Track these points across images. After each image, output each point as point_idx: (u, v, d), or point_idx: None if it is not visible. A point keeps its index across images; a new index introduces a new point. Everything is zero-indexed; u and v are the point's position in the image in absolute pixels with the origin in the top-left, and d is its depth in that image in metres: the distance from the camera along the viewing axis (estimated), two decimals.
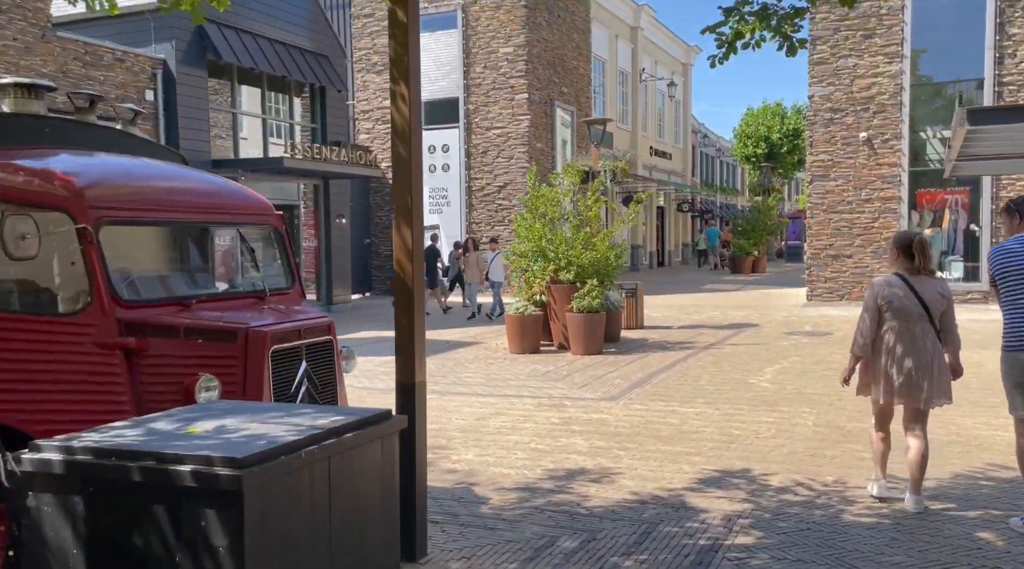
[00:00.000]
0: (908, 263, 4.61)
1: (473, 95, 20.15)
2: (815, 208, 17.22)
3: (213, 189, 4.46)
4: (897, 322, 4.55)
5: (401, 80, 4.08)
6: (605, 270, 12.15)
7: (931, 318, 4.54)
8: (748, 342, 12.50)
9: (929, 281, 4.61)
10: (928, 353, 4.54)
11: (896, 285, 4.58)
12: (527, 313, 11.73)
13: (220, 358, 3.71)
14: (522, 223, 12.38)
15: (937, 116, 17.11)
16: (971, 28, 15.66)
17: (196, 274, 4.46)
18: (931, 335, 4.56)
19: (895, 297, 4.54)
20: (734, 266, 28.43)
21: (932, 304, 4.55)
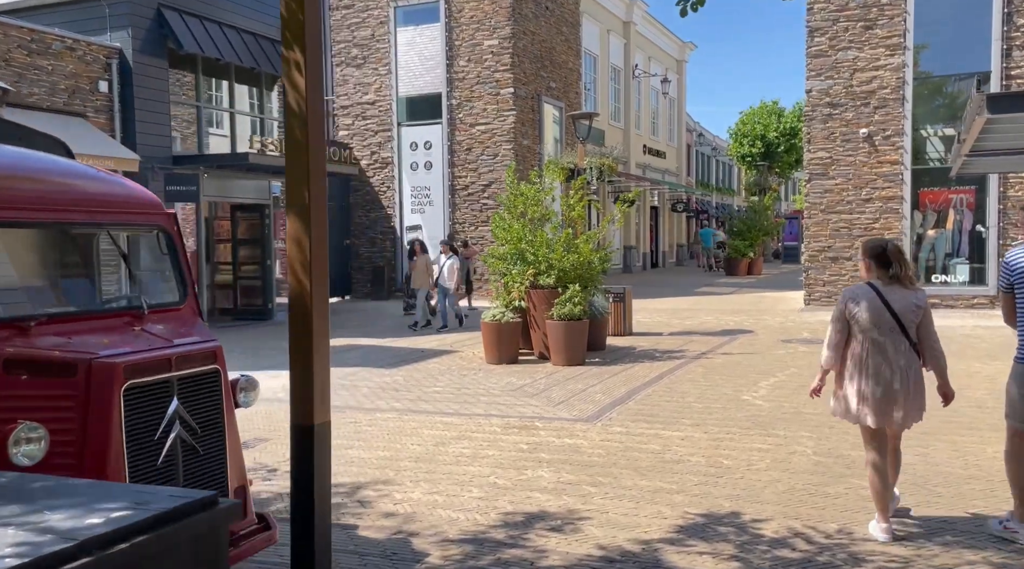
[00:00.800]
0: (883, 272, 4.32)
1: (457, 90, 19.31)
2: (813, 208, 16.42)
3: (81, 182, 3.60)
4: (867, 335, 4.26)
5: (295, 44, 3.27)
6: (589, 274, 11.34)
7: (904, 330, 4.22)
8: (742, 351, 11.70)
9: (903, 291, 4.28)
10: (903, 368, 4.23)
11: (865, 295, 4.29)
12: (504, 320, 10.90)
13: (51, 399, 2.88)
14: (500, 223, 11.56)
15: (939, 113, 16.33)
16: (977, 18, 14.87)
17: (45, 288, 3.60)
18: (905, 348, 4.24)
19: (864, 308, 4.25)
20: (729, 268, 27.64)
21: (904, 315, 4.22)
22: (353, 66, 20.36)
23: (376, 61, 20.11)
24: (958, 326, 13.53)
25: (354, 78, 20.37)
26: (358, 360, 11.36)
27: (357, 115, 20.42)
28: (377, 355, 11.84)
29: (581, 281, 11.22)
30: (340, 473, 5.82)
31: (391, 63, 19.95)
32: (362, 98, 20.32)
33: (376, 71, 20.13)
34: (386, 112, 20.13)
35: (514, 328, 11.01)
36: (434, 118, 19.63)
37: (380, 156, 20.31)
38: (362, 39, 20.24)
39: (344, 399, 8.57)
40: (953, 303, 15.39)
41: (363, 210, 20.58)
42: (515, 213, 11.51)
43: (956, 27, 15.34)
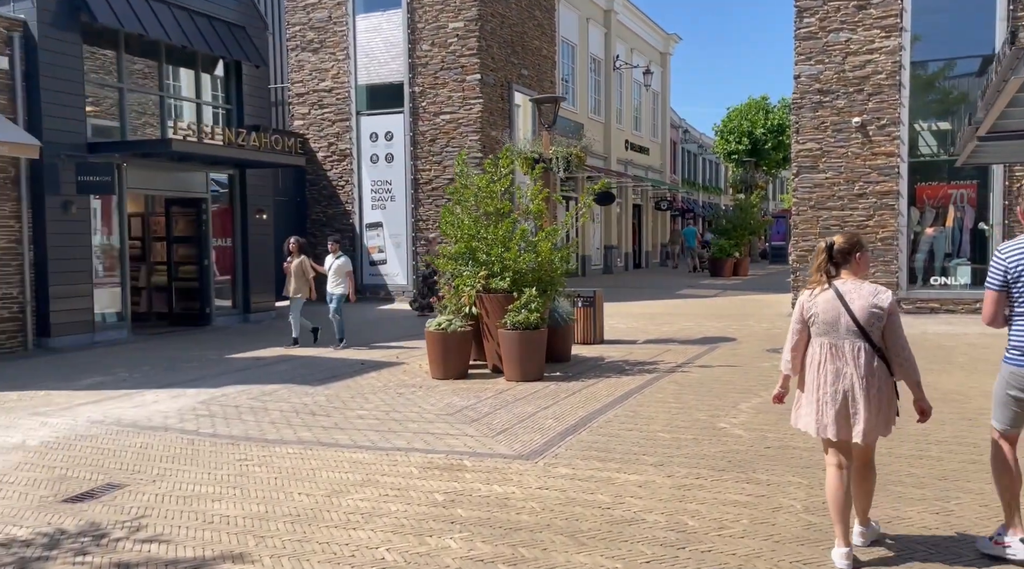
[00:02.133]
0: (837, 268, 3.98)
1: (419, 76, 17.90)
2: (802, 203, 15.13)
3: None
4: (825, 337, 3.95)
5: None
6: (549, 277, 9.98)
7: (864, 333, 3.85)
8: (722, 363, 10.38)
9: (863, 288, 3.90)
10: (864, 376, 3.86)
11: (823, 295, 3.94)
12: (451, 329, 9.52)
13: None
14: (448, 218, 10.19)
15: (939, 102, 15.07)
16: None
17: None
18: (866, 353, 3.87)
19: (820, 308, 3.94)
20: (714, 268, 26.37)
21: (862, 315, 3.85)
22: (309, 51, 18.91)
23: (333, 45, 18.68)
24: (961, 334, 12.27)
25: (310, 63, 18.91)
26: (284, 375, 9.95)
27: (314, 103, 18.97)
28: (309, 368, 10.43)
29: (540, 284, 9.87)
30: (188, 541, 4.43)
31: (349, 47, 18.52)
32: (319, 85, 18.88)
33: (333, 56, 18.70)
34: (344, 100, 18.70)
35: (463, 338, 9.63)
36: (395, 107, 18.22)
37: (338, 147, 18.88)
38: (318, 22, 18.79)
39: (244, 428, 7.17)
40: (954, 307, 14.14)
41: (320, 206, 19.13)
42: (466, 206, 10.15)
43: (958, 7, 14.09)
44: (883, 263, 14.51)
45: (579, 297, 12.52)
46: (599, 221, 28.79)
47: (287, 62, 19.30)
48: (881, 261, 14.53)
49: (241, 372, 10.19)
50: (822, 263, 3.99)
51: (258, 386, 9.16)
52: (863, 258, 3.99)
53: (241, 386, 9.17)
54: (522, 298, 9.40)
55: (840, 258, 3.95)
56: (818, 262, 4.01)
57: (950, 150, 14.81)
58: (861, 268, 3.97)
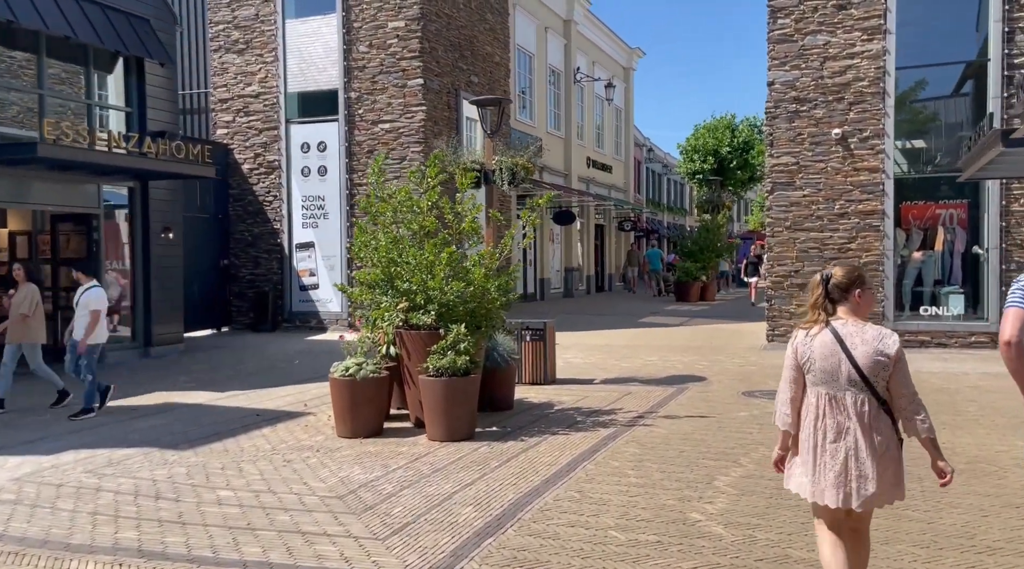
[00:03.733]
0: (833, 306, 3.42)
1: (356, 81, 16.13)
2: (777, 224, 13.62)
3: None
4: (823, 387, 3.38)
5: None
6: (483, 309, 8.22)
7: (868, 383, 3.30)
8: (691, 411, 8.69)
9: (867, 332, 3.31)
10: (867, 433, 3.30)
11: (819, 337, 3.37)
12: (360, 375, 7.69)
13: None
14: (361, 238, 8.40)
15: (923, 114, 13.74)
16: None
17: None
18: (871, 407, 3.32)
19: (817, 353, 3.36)
20: (679, 293, 24.85)
21: (865, 364, 3.28)
22: (234, 52, 17.03)
23: (261, 46, 16.85)
24: (960, 373, 10.77)
25: (235, 66, 17.04)
26: (152, 433, 8.01)
27: (239, 110, 17.07)
28: (190, 422, 8.50)
29: (473, 319, 8.10)
30: None
31: (279, 49, 16.71)
32: (244, 90, 17.00)
33: (261, 58, 16.86)
34: (272, 107, 16.84)
35: (376, 387, 7.81)
36: (329, 114, 16.40)
37: (265, 159, 16.98)
38: (244, 20, 16.96)
39: (48, 525, 5.25)
40: (946, 341, 12.68)
41: (245, 224, 17.17)
42: (384, 224, 8.37)
43: (947, 6, 12.78)
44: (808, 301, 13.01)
45: (527, 330, 10.80)
46: (559, 242, 27.19)
47: (209, 65, 17.41)
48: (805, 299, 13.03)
49: (98, 429, 8.21)
50: (818, 299, 3.45)
51: (108, 451, 7.21)
52: (865, 296, 3.42)
53: (86, 451, 7.21)
54: (448, 336, 7.63)
55: (837, 295, 3.42)
56: (814, 298, 3.47)
57: (934, 165, 13.46)
58: (862, 307, 3.42)
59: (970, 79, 13.13)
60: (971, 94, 13.19)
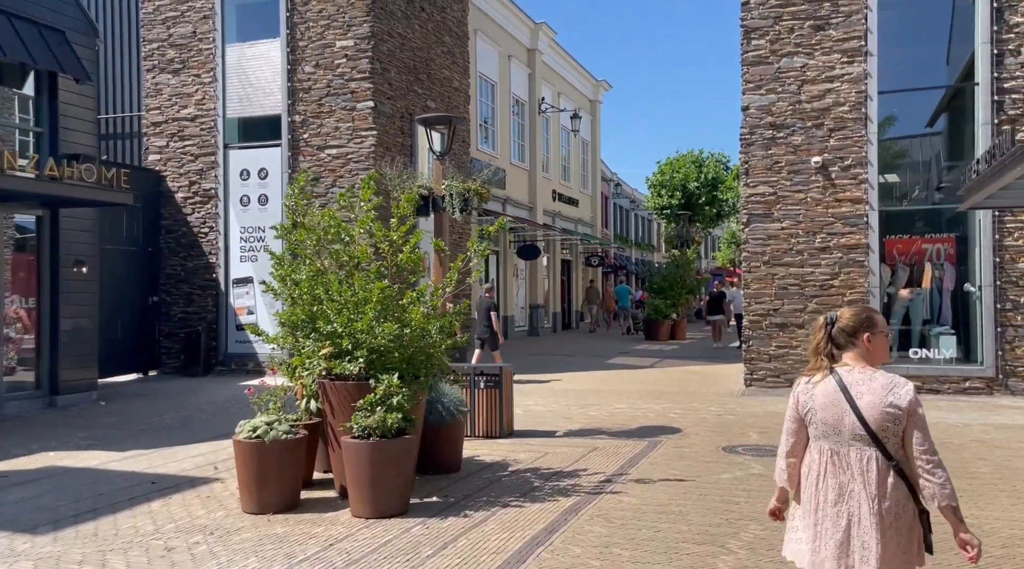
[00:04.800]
0: (839, 351, 3.10)
1: (301, 103, 14.93)
2: (754, 258, 12.60)
3: None
4: (825, 441, 3.07)
5: None
6: (422, 355, 6.95)
7: (875, 438, 2.96)
8: (666, 473, 7.48)
9: (875, 380, 2.98)
10: (873, 494, 2.95)
11: (822, 385, 3.07)
12: (270, 437, 6.34)
13: None
14: (279, 272, 7.13)
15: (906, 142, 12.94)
16: (959, 16, 11.60)
17: None
18: (878, 466, 2.97)
19: (818, 403, 3.06)
20: (649, 331, 23.77)
21: (872, 416, 2.95)
22: (169, 72, 15.76)
23: (198, 66, 15.61)
24: (961, 424, 9.71)
25: (170, 87, 15.75)
26: (17, 508, 6.55)
27: (173, 134, 15.74)
28: (66, 492, 7.04)
29: (411, 366, 6.83)
30: None
31: (217, 68, 15.49)
32: (179, 112, 15.70)
33: (198, 79, 15.61)
34: (210, 130, 15.55)
35: (290, 451, 6.47)
36: (271, 139, 15.16)
37: (201, 187, 15.63)
38: (181, 38, 15.73)
39: None
40: (938, 386, 11.67)
41: (177, 257, 15.73)
42: (305, 254, 7.12)
43: (931, 27, 12.05)
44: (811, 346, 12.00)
45: (481, 376, 9.56)
46: (523, 278, 26.06)
47: (142, 86, 16.10)
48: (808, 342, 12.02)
49: None
50: (821, 344, 3.12)
51: None
52: (876, 341, 3.01)
53: None
54: (378, 389, 6.34)
55: (842, 339, 3.07)
56: (816, 342, 3.14)
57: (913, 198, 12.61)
58: (874, 353, 3.02)
59: (954, 105, 12.36)
60: (957, 121, 12.40)
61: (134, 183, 15.06)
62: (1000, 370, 11.30)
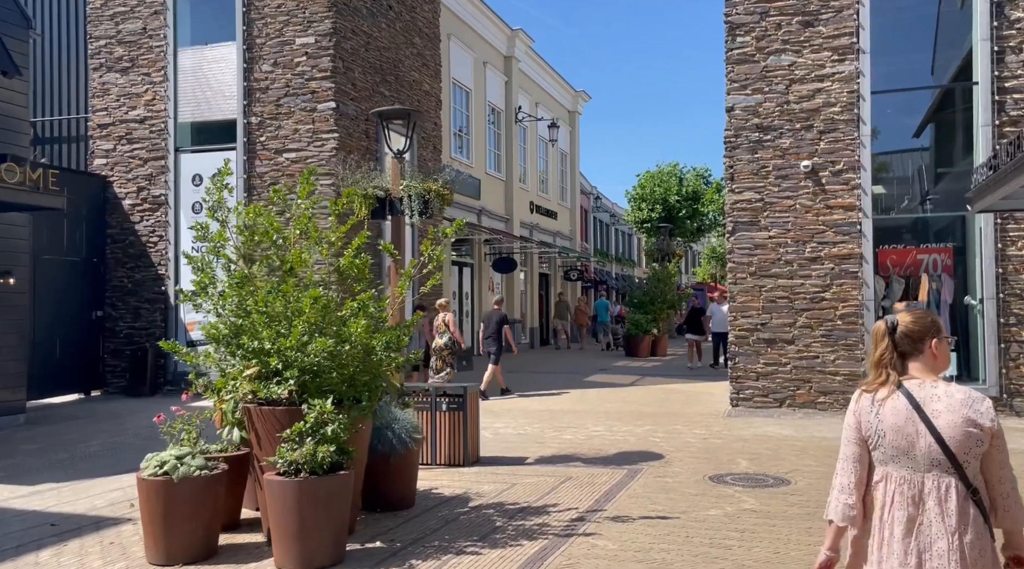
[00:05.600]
0: (903, 361, 2.74)
1: (258, 104, 13.98)
2: (739, 269, 11.79)
3: None
4: (892, 467, 2.70)
5: None
6: (365, 376, 6.00)
7: (955, 463, 2.60)
8: (648, 509, 6.56)
9: (953, 395, 2.64)
10: (953, 529, 2.60)
11: (890, 402, 2.69)
12: (179, 474, 5.35)
13: None
14: (200, 277, 6.18)
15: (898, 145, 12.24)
16: (957, 13, 10.93)
17: None
18: (958, 496, 2.61)
19: (887, 423, 2.68)
20: (629, 347, 22.91)
21: (953, 437, 2.59)
22: (117, 71, 14.75)
23: (148, 64, 14.63)
24: None
25: (118, 87, 14.74)
26: None
27: (121, 137, 14.72)
28: None
29: (351, 388, 5.89)
30: None
31: (168, 67, 14.51)
32: (128, 114, 14.69)
33: (148, 78, 14.62)
34: (160, 133, 14.55)
35: (205, 491, 5.47)
36: (226, 142, 14.19)
37: (150, 193, 14.59)
38: (130, 34, 14.75)
39: None
40: None
41: (124, 268, 14.65)
42: (228, 257, 6.18)
43: (926, 23, 11.37)
44: (845, 347, 11.21)
45: (443, 397, 8.63)
46: (499, 292, 25.14)
47: (88, 85, 15.08)
48: (842, 344, 11.22)
49: None
50: (884, 355, 2.73)
51: None
52: (941, 348, 2.74)
53: None
54: (309, 417, 5.38)
55: (907, 346, 2.73)
56: (879, 352, 2.75)
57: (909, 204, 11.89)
58: (939, 362, 2.74)
59: (950, 106, 11.66)
60: (953, 123, 11.70)
61: (77, 189, 14.06)
62: (1004, 389, 10.52)
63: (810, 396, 11.35)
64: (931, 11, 11.59)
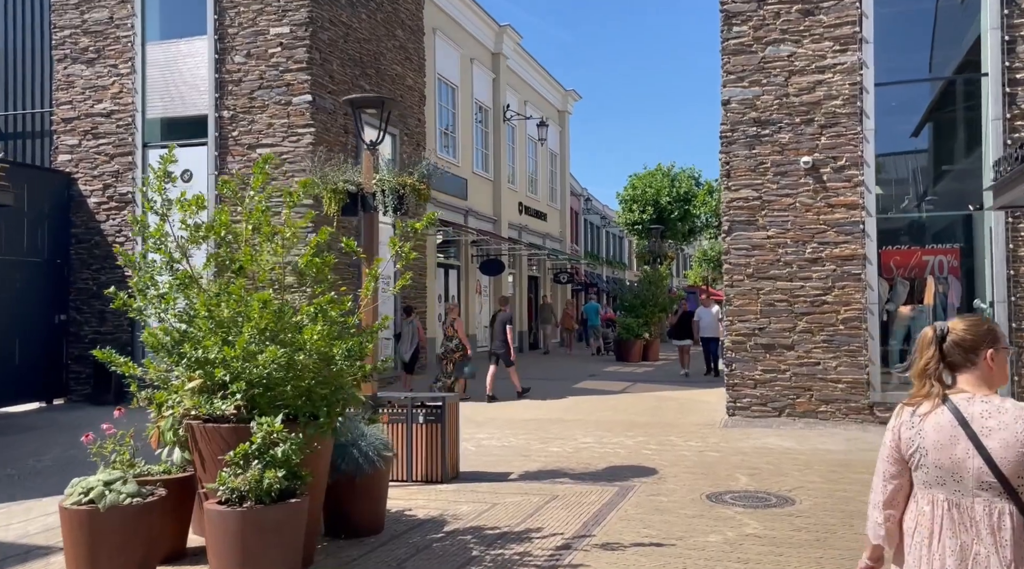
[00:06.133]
0: (952, 373, 2.52)
1: (230, 97, 13.30)
2: (736, 270, 11.19)
3: None
4: (940, 491, 2.46)
5: None
6: (325, 388, 5.35)
7: (1009, 487, 2.35)
8: (641, 535, 5.94)
9: (1006, 411, 2.38)
10: (1008, 559, 2.36)
11: (933, 417, 2.46)
12: (105, 504, 4.69)
13: None
14: (140, 278, 5.55)
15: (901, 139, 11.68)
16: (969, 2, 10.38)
17: None
18: (1014, 523, 2.37)
19: (929, 441, 2.46)
20: (620, 352, 22.29)
21: (1006, 459, 2.36)
22: (82, 62, 14.04)
23: (115, 55, 13.92)
24: None
25: (83, 79, 14.02)
26: None
27: (86, 132, 14.00)
28: None
29: (308, 403, 5.24)
30: None
31: (136, 59, 13.82)
32: (93, 107, 13.97)
33: (115, 70, 13.92)
34: (127, 127, 13.84)
35: (138, 518, 4.82)
36: (197, 137, 13.49)
37: (117, 191, 13.88)
38: (96, 24, 14.04)
39: None
40: None
41: (90, 270, 13.93)
42: (168, 255, 5.55)
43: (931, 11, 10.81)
44: (847, 353, 10.62)
45: (420, 408, 7.98)
46: (487, 295, 24.50)
47: (52, 77, 14.35)
48: (845, 350, 10.63)
49: None
50: (930, 364, 2.49)
51: None
52: (999, 359, 2.47)
53: None
54: (255, 436, 4.72)
55: (958, 357, 2.49)
56: (923, 362, 2.51)
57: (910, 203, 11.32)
58: (996, 375, 2.48)
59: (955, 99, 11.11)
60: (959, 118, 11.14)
61: (39, 185, 13.34)
62: (1016, 396, 9.94)
63: (811, 405, 10.75)
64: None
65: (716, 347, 17.22)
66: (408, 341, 14.33)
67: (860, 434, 10.01)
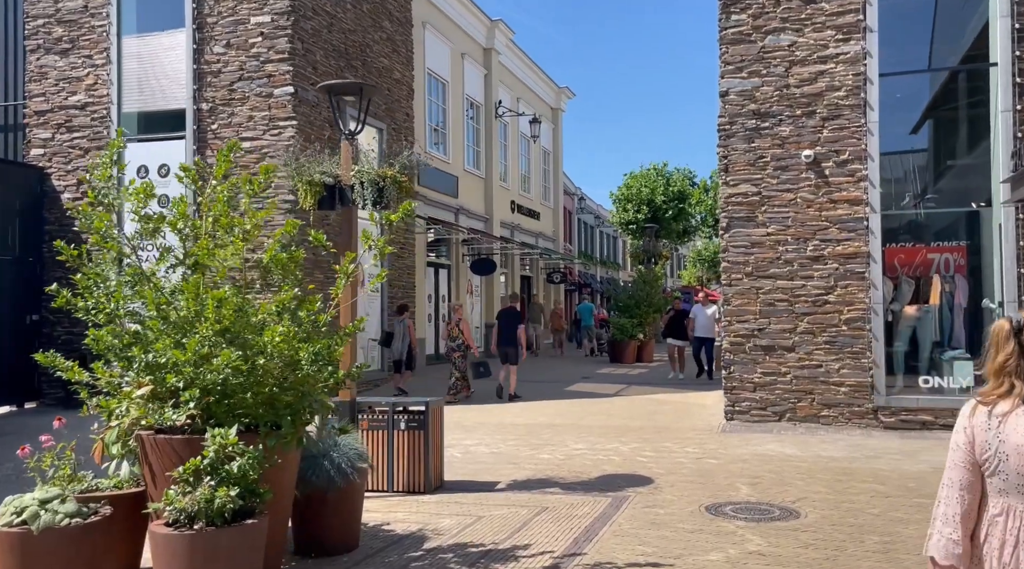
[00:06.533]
0: None
1: (209, 89, 12.80)
2: (734, 269, 10.74)
3: None
4: (1017, 500, 2.27)
5: None
6: (290, 396, 4.88)
7: None
8: (636, 553, 5.50)
9: None
10: None
11: (1013, 419, 2.25)
12: (40, 525, 4.21)
13: None
14: (88, 275, 5.08)
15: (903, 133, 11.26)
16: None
17: None
18: None
19: (1009, 445, 2.25)
20: (614, 353, 21.84)
21: None
22: (56, 53, 13.52)
23: (90, 46, 13.41)
24: None
25: (57, 70, 13.51)
26: None
27: (60, 125, 13.48)
28: None
29: (270, 412, 4.77)
30: None
31: (111, 49, 13.30)
32: (67, 99, 13.46)
33: (90, 60, 13.40)
34: (102, 120, 13.33)
35: (78, 541, 4.35)
36: (174, 130, 12.99)
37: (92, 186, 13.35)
38: (70, 13, 13.52)
39: None
40: (952, 421, 9.81)
41: (63, 269, 13.37)
42: (115, 248, 5.09)
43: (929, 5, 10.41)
44: (850, 354, 10.19)
45: (402, 414, 7.52)
46: (479, 295, 24.03)
47: (25, 69, 13.82)
48: (848, 352, 10.20)
49: None
50: (1009, 360, 2.27)
51: None
52: None
53: None
54: (207, 450, 4.25)
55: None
56: (1003, 357, 2.28)
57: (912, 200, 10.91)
58: None
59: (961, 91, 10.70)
60: (965, 110, 10.73)
61: (10, 180, 12.84)
62: None
63: (812, 409, 10.31)
64: None
65: (711, 348, 16.76)
66: (400, 339, 13.94)
67: (864, 440, 9.59)
